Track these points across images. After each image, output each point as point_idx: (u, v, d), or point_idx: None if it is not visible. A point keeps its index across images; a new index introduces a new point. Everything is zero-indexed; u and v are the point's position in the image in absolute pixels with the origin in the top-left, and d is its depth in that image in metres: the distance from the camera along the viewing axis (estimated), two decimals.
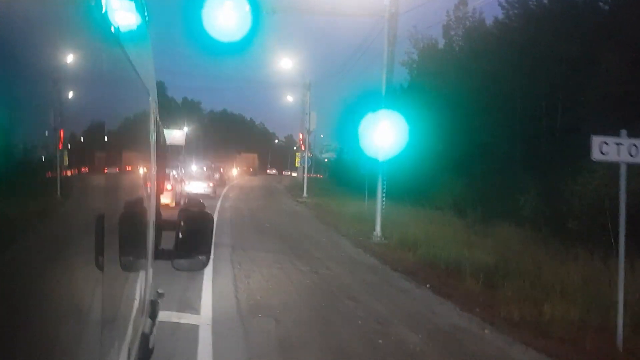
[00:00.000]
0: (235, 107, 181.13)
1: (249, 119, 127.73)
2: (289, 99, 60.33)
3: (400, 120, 13.87)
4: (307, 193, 29.52)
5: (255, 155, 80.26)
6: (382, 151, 13.82)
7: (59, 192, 0.91)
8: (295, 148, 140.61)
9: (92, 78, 1.14)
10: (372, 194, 19.58)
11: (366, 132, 14.13)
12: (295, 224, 17.21)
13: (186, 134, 34.85)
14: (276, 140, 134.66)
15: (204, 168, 34.31)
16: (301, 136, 29.27)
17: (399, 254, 12.25)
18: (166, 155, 3.24)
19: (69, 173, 0.97)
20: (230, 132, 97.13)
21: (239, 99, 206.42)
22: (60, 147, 0.89)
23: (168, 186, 16.92)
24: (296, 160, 57.32)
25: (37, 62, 0.78)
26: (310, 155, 57.25)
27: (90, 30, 1.09)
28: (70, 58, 0.98)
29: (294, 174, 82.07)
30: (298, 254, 11.58)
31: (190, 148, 48.58)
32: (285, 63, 30.54)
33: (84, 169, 1.10)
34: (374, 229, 14.64)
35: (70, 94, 0.99)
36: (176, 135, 25.88)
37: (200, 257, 2.33)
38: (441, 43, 31.63)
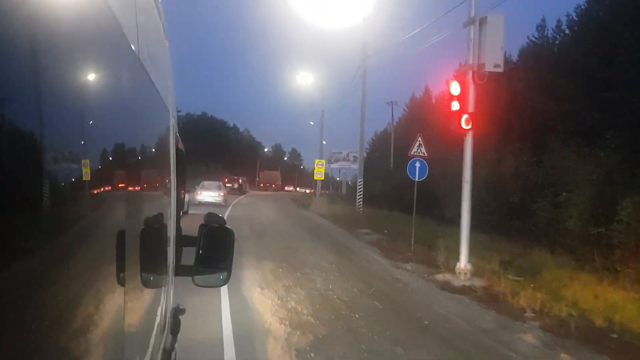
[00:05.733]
0: (216, 111, 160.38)
1: (232, 125, 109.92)
2: (306, 81, 42.16)
3: None
4: (466, 257, 9.98)
5: (278, 173, 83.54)
6: None
7: (82, 207, 0.93)
8: (284, 157, 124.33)
9: (116, 97, 1.17)
10: None
11: None
12: None
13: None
14: (265, 149, 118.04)
15: (226, 180, 40.05)
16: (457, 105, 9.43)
17: None
18: (185, 171, 2.84)
19: (92, 189, 0.98)
20: (210, 139, 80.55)
21: (220, 103, 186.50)
22: (83, 163, 0.90)
23: None
24: (315, 172, 39.66)
25: (64, 80, 0.82)
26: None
27: (112, 51, 1.13)
28: (94, 78, 1.01)
29: (307, 190, 68.31)
30: None
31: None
32: None
33: (108, 185, 1.12)
34: None
35: (95, 112, 1.00)
36: None
37: (221, 273, 2.31)
38: None
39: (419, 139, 13.38)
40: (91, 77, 0.98)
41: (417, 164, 13.28)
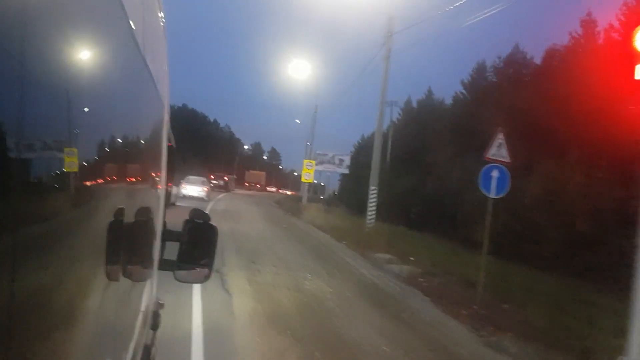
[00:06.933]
0: (196, 102, 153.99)
1: (213, 119, 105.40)
2: (299, 73, 37.86)
3: None
4: None
5: (264, 173, 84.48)
6: None
7: (72, 199, 0.91)
8: (263, 156, 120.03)
9: (118, 90, 1.18)
10: None
11: None
12: None
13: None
14: (245, 147, 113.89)
15: (212, 176, 45.63)
16: None
17: None
18: (174, 166, 2.82)
19: (84, 181, 0.96)
20: (190, 133, 76.04)
21: (201, 93, 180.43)
22: (78, 156, 0.89)
23: None
24: (303, 173, 35.76)
25: (69, 71, 0.82)
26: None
27: (120, 46, 1.15)
28: (100, 71, 1.02)
29: (288, 192, 66.03)
30: None
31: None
32: None
33: (100, 179, 1.11)
34: None
35: (96, 106, 1.00)
36: None
37: (203, 269, 2.26)
38: None
39: (500, 136, 9.11)
40: (97, 69, 0.99)
41: (495, 173, 8.98)
